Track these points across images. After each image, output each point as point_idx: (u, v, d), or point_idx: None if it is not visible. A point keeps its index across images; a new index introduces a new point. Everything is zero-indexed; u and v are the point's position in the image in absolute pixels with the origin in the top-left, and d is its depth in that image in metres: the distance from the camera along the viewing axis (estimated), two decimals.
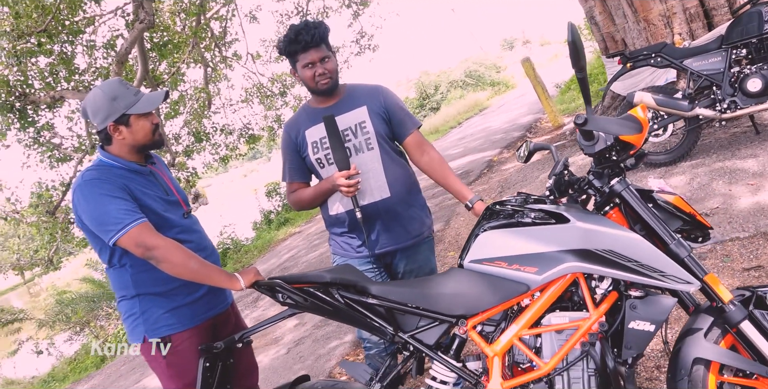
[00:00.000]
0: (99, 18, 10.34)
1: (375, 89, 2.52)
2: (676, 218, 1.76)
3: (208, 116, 13.19)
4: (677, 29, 5.68)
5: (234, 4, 12.32)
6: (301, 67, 2.37)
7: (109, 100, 2.06)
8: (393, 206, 2.42)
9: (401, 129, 2.49)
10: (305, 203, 2.57)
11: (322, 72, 2.34)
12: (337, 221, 2.51)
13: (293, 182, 2.58)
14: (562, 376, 1.69)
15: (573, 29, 1.54)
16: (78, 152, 10.40)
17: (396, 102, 2.52)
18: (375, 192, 2.40)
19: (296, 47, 2.32)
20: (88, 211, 2.01)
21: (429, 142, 2.57)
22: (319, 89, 2.39)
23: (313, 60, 2.33)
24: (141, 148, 2.18)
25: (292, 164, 2.55)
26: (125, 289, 2.16)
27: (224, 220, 15.22)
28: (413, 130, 2.50)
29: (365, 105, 2.44)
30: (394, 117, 2.47)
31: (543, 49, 44.89)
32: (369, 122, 2.41)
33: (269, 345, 5.06)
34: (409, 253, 2.52)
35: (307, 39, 2.28)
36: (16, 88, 8.84)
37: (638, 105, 1.83)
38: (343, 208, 2.45)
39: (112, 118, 2.08)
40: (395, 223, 2.45)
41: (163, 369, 2.18)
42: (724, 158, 4.29)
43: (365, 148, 2.41)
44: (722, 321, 1.64)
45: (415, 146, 2.52)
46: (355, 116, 2.42)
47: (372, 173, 2.40)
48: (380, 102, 2.46)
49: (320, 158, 2.45)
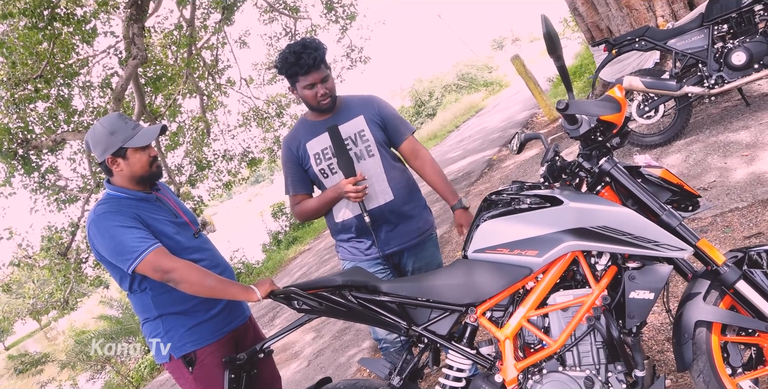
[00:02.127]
0: (92, 58, 10.51)
1: (369, 99, 2.63)
2: (665, 190, 1.82)
3: (208, 143, 13.30)
4: (659, 12, 5.74)
5: (223, 32, 12.50)
6: (302, 87, 2.44)
7: (107, 134, 2.15)
8: (397, 207, 2.52)
9: (396, 135, 2.60)
10: (311, 213, 2.64)
11: (324, 92, 2.43)
12: (345, 227, 2.59)
13: (297, 194, 2.65)
14: (571, 351, 1.76)
15: (546, 21, 1.63)
16: (84, 191, 10.51)
17: (390, 110, 2.63)
18: (379, 196, 2.50)
19: (297, 70, 2.37)
20: (104, 244, 2.10)
21: (423, 147, 2.69)
22: (321, 107, 2.48)
23: (314, 81, 2.40)
24: (139, 180, 2.25)
25: (295, 176, 2.62)
26: (147, 311, 2.24)
27: (233, 245, 15.30)
28: (408, 136, 2.62)
29: (362, 114, 2.54)
30: (389, 124, 2.58)
31: (533, 45, 44.93)
32: (368, 130, 2.52)
33: (290, 359, 5.12)
34: (416, 251, 2.61)
35: (310, 63, 2.34)
36: (17, 135, 8.96)
37: (615, 86, 1.89)
38: (351, 213, 2.53)
39: (110, 151, 2.17)
40: (401, 223, 2.55)
41: (190, 384, 2.26)
42: (717, 133, 4.35)
43: (366, 155, 2.51)
44: (719, 283, 1.69)
45: (410, 152, 2.65)
46: (354, 125, 2.52)
47: (375, 179, 2.50)
48: (375, 111, 2.57)
49: (323, 169, 2.53)
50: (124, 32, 8.70)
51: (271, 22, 14.23)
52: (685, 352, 1.67)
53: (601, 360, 1.73)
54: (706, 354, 1.66)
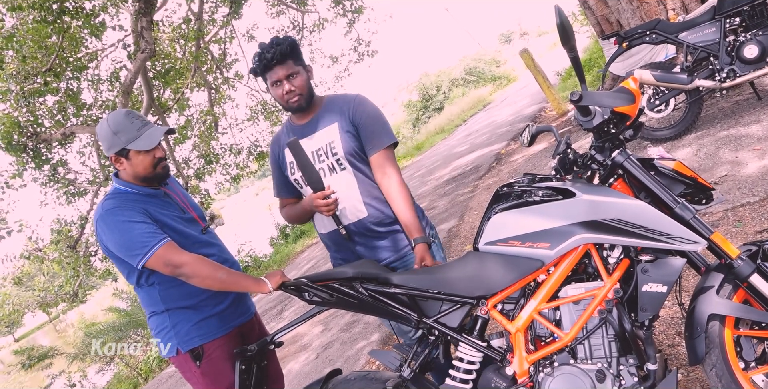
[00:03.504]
0: (101, 52, 10.54)
1: (349, 102, 2.38)
2: (679, 182, 1.81)
3: (215, 137, 13.33)
4: (670, 5, 5.69)
5: (231, 25, 12.50)
6: (270, 85, 2.32)
7: (111, 133, 2.14)
8: (371, 224, 2.34)
9: (367, 146, 2.34)
10: (294, 219, 2.57)
11: (289, 89, 2.27)
12: (326, 239, 2.51)
13: (282, 197, 2.59)
14: (583, 344, 1.75)
15: (560, 11, 1.61)
16: (93, 185, 10.57)
17: (368, 115, 2.35)
18: (351, 213, 2.34)
19: (261, 67, 2.27)
20: (113, 239, 2.09)
21: (396, 166, 2.36)
22: (291, 107, 2.34)
23: (279, 78, 2.26)
24: (143, 180, 2.24)
25: (278, 180, 2.55)
26: (155, 305, 2.24)
27: (240, 238, 15.35)
28: (379, 149, 2.32)
29: (336, 122, 2.34)
30: (363, 132, 2.33)
31: (541, 39, 44.79)
32: (339, 141, 2.32)
33: (298, 351, 5.14)
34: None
35: (269, 57, 2.22)
36: (27, 128, 9.01)
37: (629, 77, 1.88)
38: (327, 229, 2.43)
39: (113, 150, 2.16)
40: (382, 237, 2.38)
41: (198, 379, 2.26)
42: (729, 127, 4.31)
43: (337, 168, 2.34)
44: (732, 276, 1.68)
45: (377, 167, 2.33)
46: (326, 135, 2.35)
47: (346, 194, 2.33)
48: (348, 117, 2.34)
49: (297, 179, 2.42)
50: (132, 26, 8.72)
51: (278, 16, 14.22)
52: (698, 346, 1.66)
53: (613, 353, 1.72)
54: (719, 348, 1.65)
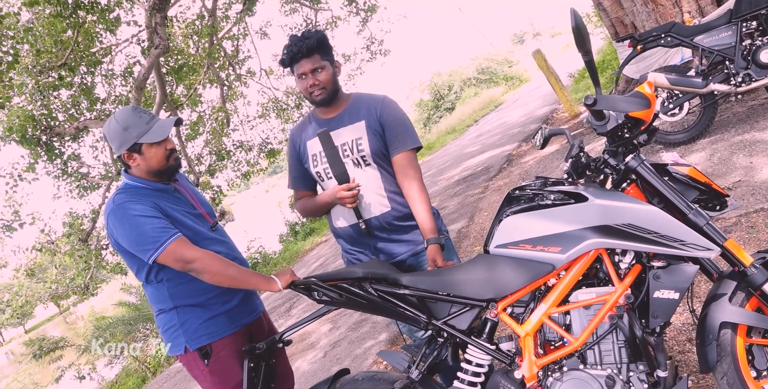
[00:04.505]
0: (115, 47, 10.61)
1: (377, 102, 2.44)
2: (693, 188, 1.79)
3: (227, 134, 13.39)
4: (686, 8, 5.65)
5: (244, 22, 12.53)
6: (296, 78, 2.38)
7: (121, 130, 2.14)
8: (394, 218, 2.40)
9: (392, 146, 2.40)
10: (309, 213, 2.61)
11: (314, 83, 2.33)
12: (342, 233, 2.51)
13: (298, 190, 2.60)
14: (593, 350, 1.74)
15: (575, 14, 1.61)
16: (105, 179, 10.65)
17: (394, 117, 2.41)
18: (375, 207, 2.38)
19: (286, 59, 2.33)
20: (124, 234, 2.09)
21: (417, 167, 2.43)
22: (314, 100, 2.39)
23: (305, 71, 2.32)
24: (156, 173, 2.24)
25: (296, 172, 2.56)
26: (163, 302, 2.24)
27: (250, 235, 15.41)
28: (402, 151, 2.38)
29: (364, 120, 2.40)
30: (388, 132, 2.40)
31: (554, 40, 44.55)
32: (365, 139, 2.37)
33: (306, 350, 5.15)
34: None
35: (295, 50, 2.28)
36: (41, 122, 9.09)
37: (645, 82, 1.87)
38: (346, 222, 2.44)
39: (125, 147, 2.16)
40: (401, 232, 2.42)
41: (206, 377, 2.25)
42: (743, 132, 4.27)
43: (362, 164, 2.39)
44: (745, 284, 1.67)
45: (399, 168, 2.40)
46: (354, 131, 2.40)
47: (371, 188, 2.38)
48: (377, 116, 2.39)
49: (320, 172, 2.45)
50: (146, 21, 8.75)
51: (292, 14, 14.25)
52: (709, 353, 1.65)
53: (623, 359, 1.71)
54: (731, 356, 1.64)
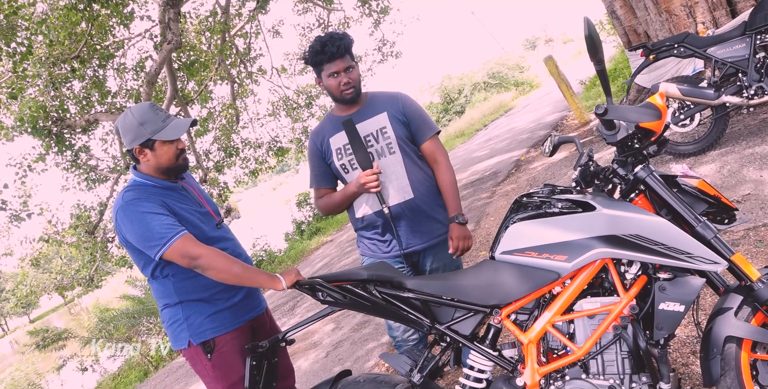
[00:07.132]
0: (128, 41, 10.66)
1: (395, 96, 2.64)
2: (701, 201, 1.79)
3: (236, 131, 13.43)
4: (700, 18, 5.63)
5: (257, 20, 12.57)
6: (326, 76, 2.50)
7: (137, 124, 2.17)
8: (416, 206, 2.54)
9: (418, 135, 2.61)
10: (333, 208, 2.69)
11: (347, 81, 2.48)
12: (365, 222, 2.62)
13: (320, 188, 2.72)
14: (596, 359, 1.74)
15: (589, 23, 1.61)
16: (114, 172, 10.70)
17: (415, 109, 2.63)
18: (398, 194, 2.52)
19: (322, 58, 2.45)
20: (132, 230, 2.12)
21: (444, 151, 2.67)
22: (343, 98, 2.53)
23: (338, 70, 2.46)
24: (164, 171, 2.28)
25: (318, 170, 2.69)
26: (168, 297, 2.27)
27: (256, 232, 15.44)
28: (429, 137, 2.61)
29: (385, 111, 2.56)
30: (412, 123, 2.59)
31: (566, 46, 44.46)
32: (390, 127, 2.53)
33: (308, 349, 5.16)
34: (435, 251, 2.61)
35: (333, 50, 2.41)
36: (53, 113, 9.15)
37: (656, 92, 1.86)
38: (370, 209, 2.56)
39: (138, 141, 2.19)
40: (420, 223, 2.56)
41: (208, 371, 2.28)
42: (754, 145, 4.25)
43: (387, 152, 2.53)
44: (752, 298, 1.66)
45: (429, 153, 2.63)
46: (377, 121, 2.55)
47: (395, 176, 2.53)
48: (399, 108, 2.58)
49: (344, 164, 2.58)
50: (160, 17, 8.79)
51: (305, 13, 14.27)
52: (713, 367, 1.65)
53: (626, 370, 1.71)
54: (735, 371, 1.63)
